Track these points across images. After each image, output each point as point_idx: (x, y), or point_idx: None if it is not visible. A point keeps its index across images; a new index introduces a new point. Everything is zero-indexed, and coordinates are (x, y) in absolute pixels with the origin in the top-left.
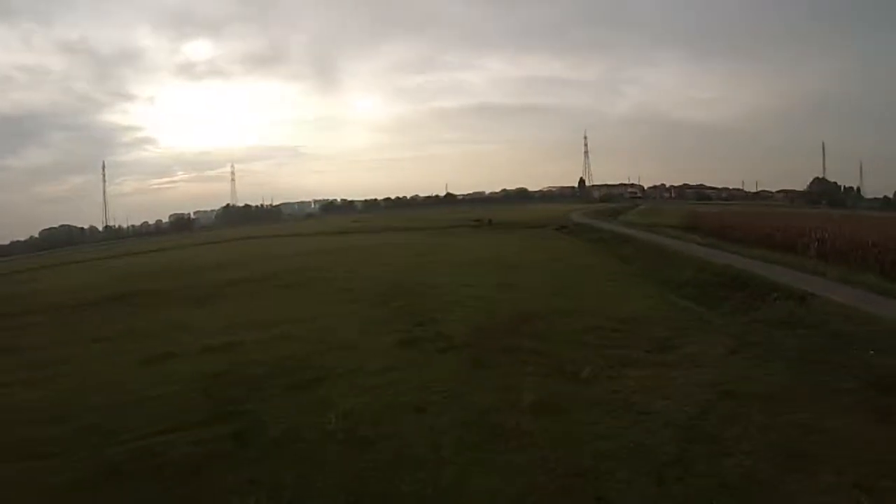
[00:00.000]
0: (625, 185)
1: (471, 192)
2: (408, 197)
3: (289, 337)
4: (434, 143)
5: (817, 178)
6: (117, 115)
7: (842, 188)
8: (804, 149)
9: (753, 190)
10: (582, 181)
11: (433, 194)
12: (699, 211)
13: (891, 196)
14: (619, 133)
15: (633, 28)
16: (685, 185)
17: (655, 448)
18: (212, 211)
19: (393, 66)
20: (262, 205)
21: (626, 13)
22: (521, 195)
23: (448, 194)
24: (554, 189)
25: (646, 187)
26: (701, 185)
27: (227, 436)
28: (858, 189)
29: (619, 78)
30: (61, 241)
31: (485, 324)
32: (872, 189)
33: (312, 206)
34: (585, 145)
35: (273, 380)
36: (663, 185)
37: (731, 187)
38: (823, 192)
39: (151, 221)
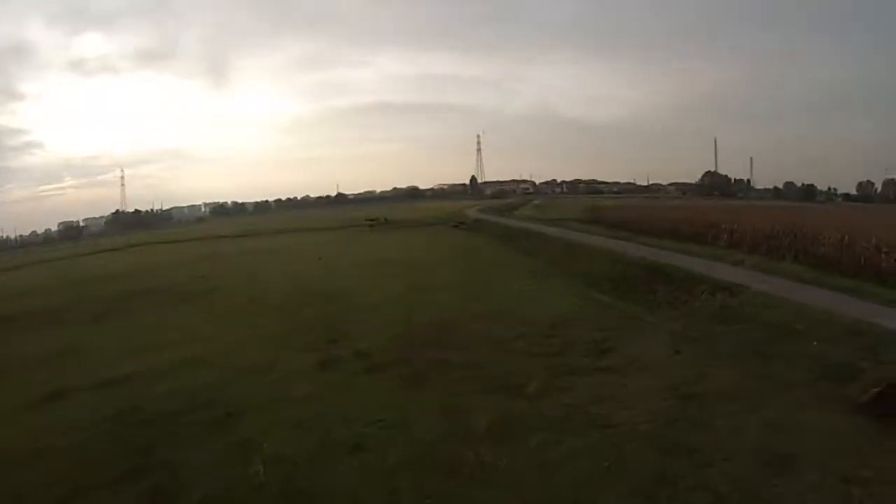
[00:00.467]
0: (516, 181)
1: (362, 191)
2: (298, 198)
3: (197, 361)
4: (327, 142)
5: (709, 172)
6: (5, 117)
7: (732, 180)
8: (695, 144)
9: (645, 184)
10: (474, 178)
11: (324, 195)
12: (600, 204)
13: (780, 186)
14: (513, 131)
15: (530, 27)
16: (577, 180)
17: (634, 465)
18: (101, 217)
19: (287, 64)
20: (152, 209)
21: (523, 12)
22: (413, 193)
23: (339, 194)
24: (445, 186)
25: (537, 183)
26: (593, 180)
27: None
28: (748, 181)
29: (515, 76)
30: None
31: (404, 334)
32: (762, 181)
33: (203, 209)
34: (478, 143)
35: (186, 417)
36: (554, 180)
37: (622, 181)
38: (715, 185)
39: (40, 231)
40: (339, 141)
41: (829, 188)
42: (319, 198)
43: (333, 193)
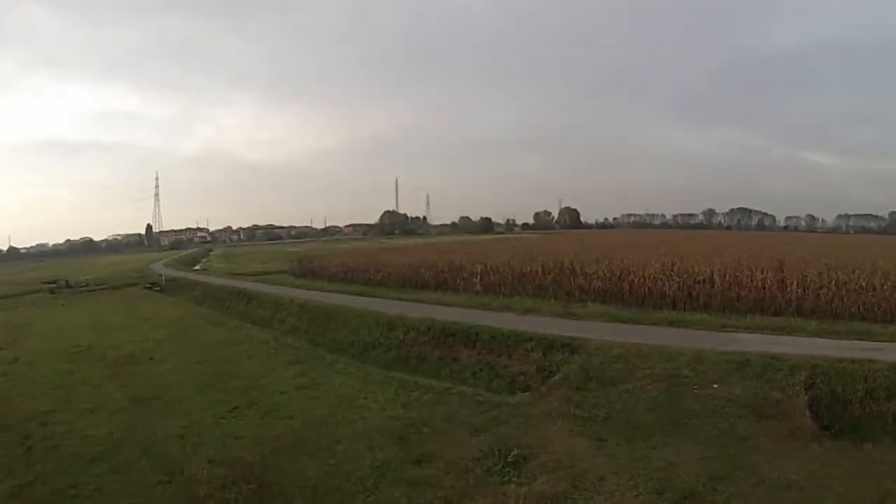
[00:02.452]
0: (192, 229)
1: (35, 244)
2: None
3: None
4: None
5: (388, 211)
6: None
7: (409, 218)
8: (368, 185)
9: (322, 226)
10: (150, 227)
11: None
12: (303, 253)
13: (457, 221)
14: (188, 175)
15: (212, 68)
16: (254, 225)
17: None
18: None
19: None
20: None
21: (206, 52)
22: (88, 246)
23: (11, 248)
24: (120, 237)
25: (212, 230)
26: (269, 224)
27: None
28: (425, 217)
29: (194, 116)
30: None
31: None
32: (438, 217)
33: None
34: (157, 187)
35: None
36: (230, 227)
37: (298, 225)
38: (395, 223)
39: None
40: (11, 184)
41: (508, 220)
42: None
43: (5, 248)
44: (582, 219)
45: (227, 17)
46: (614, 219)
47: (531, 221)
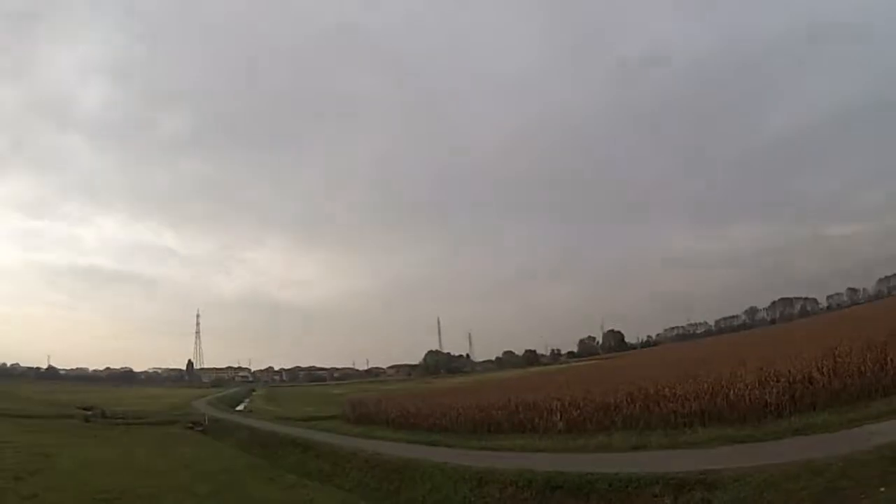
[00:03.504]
0: (233, 368)
1: (74, 367)
2: (8, 364)
3: None
4: (39, 302)
5: (431, 351)
6: None
7: (451, 356)
8: (409, 325)
9: (365, 367)
10: (191, 363)
11: (35, 366)
12: (355, 397)
13: (501, 356)
14: (228, 313)
15: (244, 208)
16: (297, 367)
17: None
18: None
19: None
20: None
21: (238, 194)
22: (127, 376)
23: (50, 367)
24: (160, 371)
25: (253, 370)
26: (311, 366)
27: None
28: (468, 355)
29: (229, 257)
30: None
31: None
32: (481, 353)
33: None
34: (197, 323)
35: None
36: (271, 367)
37: (340, 366)
38: (439, 363)
39: None
40: (51, 304)
41: (552, 350)
42: (29, 368)
43: (44, 366)
44: (626, 340)
45: (257, 166)
46: (657, 335)
47: (575, 349)
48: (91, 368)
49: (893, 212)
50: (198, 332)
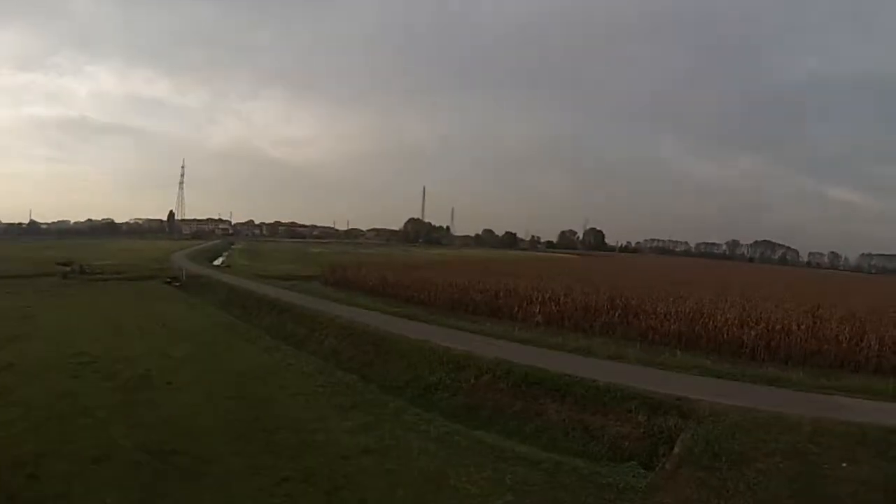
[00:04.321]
0: (214, 220)
1: (56, 220)
2: None
3: None
4: (21, 157)
5: (412, 219)
6: None
7: (432, 227)
8: (396, 191)
9: (344, 228)
10: (172, 215)
11: (16, 221)
12: (334, 260)
13: (480, 233)
14: (213, 166)
15: (243, 58)
16: (277, 222)
17: None
18: None
19: None
20: None
21: (238, 44)
22: (109, 228)
23: (32, 222)
24: (142, 222)
25: (234, 223)
26: (292, 222)
27: None
28: (449, 228)
29: (222, 108)
30: None
31: None
32: (462, 228)
33: None
34: (182, 175)
35: None
36: (252, 221)
37: (321, 225)
38: (419, 231)
39: None
40: (35, 158)
41: (532, 236)
42: (11, 225)
43: (26, 221)
44: (606, 240)
45: (260, 11)
46: (637, 243)
47: (555, 240)
48: (73, 221)
49: None
50: (181, 184)
